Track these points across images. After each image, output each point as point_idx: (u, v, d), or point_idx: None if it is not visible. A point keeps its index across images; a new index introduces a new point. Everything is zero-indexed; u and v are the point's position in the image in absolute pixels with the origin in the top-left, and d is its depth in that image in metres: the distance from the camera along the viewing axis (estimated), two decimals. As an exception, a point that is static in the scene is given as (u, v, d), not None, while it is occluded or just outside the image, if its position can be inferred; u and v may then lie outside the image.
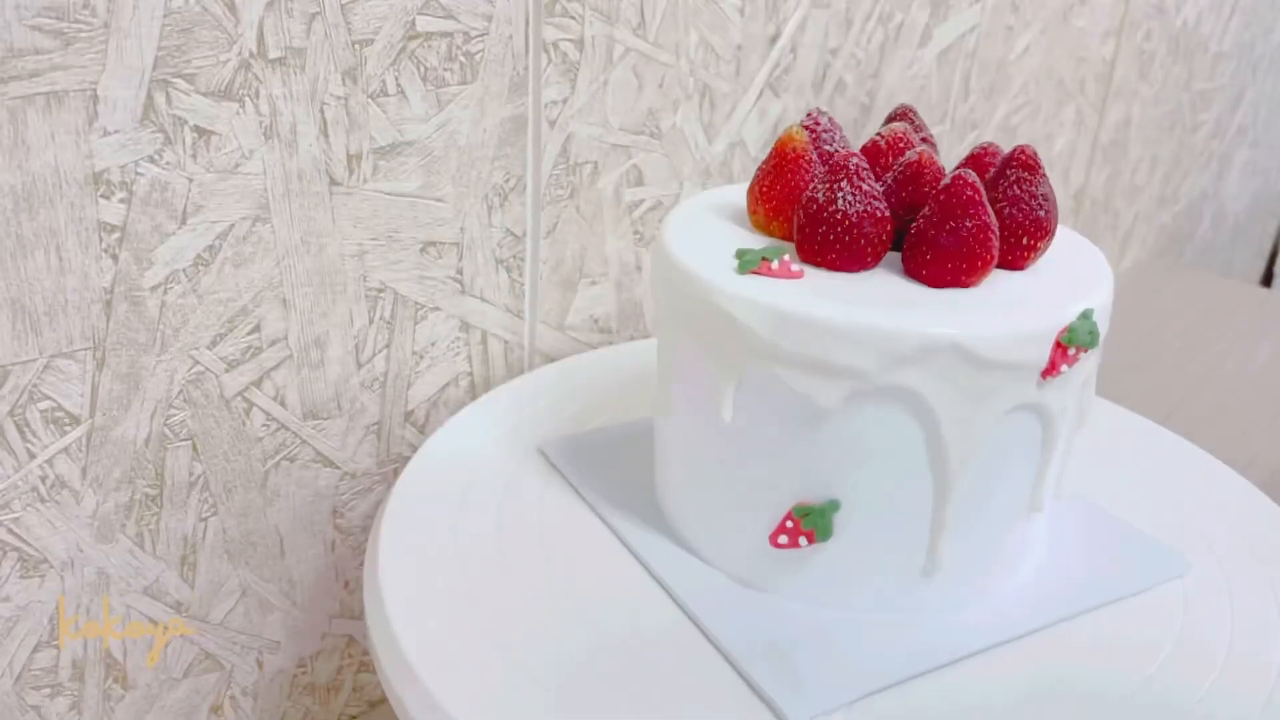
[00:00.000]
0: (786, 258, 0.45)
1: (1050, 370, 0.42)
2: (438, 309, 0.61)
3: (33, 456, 0.49)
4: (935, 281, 0.44)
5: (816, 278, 0.45)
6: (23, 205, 0.45)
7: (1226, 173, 1.55)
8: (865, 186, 0.44)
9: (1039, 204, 0.45)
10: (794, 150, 0.48)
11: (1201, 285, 1.28)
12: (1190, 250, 1.54)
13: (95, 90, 0.45)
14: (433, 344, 0.62)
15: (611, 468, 0.55)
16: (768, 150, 0.76)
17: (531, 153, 0.62)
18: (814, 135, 0.51)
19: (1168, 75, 1.26)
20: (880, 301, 0.43)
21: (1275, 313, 1.19)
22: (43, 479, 0.50)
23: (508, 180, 0.62)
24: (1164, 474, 0.59)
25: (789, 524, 0.45)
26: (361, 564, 0.64)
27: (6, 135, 0.43)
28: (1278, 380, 1.02)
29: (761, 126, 0.75)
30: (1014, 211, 0.45)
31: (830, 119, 0.52)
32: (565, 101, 0.63)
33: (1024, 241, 0.46)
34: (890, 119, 0.52)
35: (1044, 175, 0.46)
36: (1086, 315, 0.43)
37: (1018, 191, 0.45)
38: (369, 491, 0.63)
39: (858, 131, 0.83)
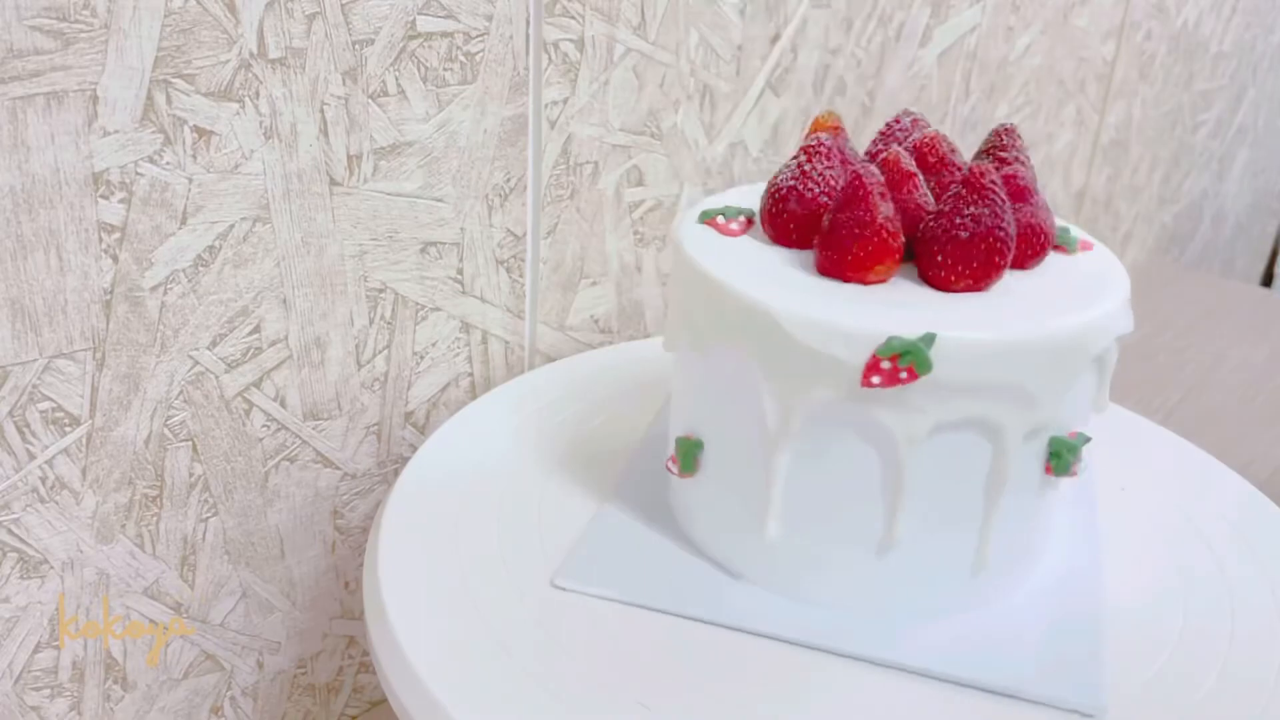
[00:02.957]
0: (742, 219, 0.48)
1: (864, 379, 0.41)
2: (438, 309, 0.61)
3: (33, 457, 0.49)
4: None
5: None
6: (23, 205, 0.45)
7: (1227, 173, 1.55)
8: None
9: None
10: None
11: (1201, 285, 1.28)
12: (1190, 250, 1.54)
13: (95, 90, 0.45)
14: (433, 344, 0.62)
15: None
16: (768, 150, 0.77)
17: (532, 153, 0.62)
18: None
19: (1168, 75, 1.26)
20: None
21: (1275, 313, 1.19)
22: (43, 480, 0.50)
23: (508, 180, 0.62)
24: (1164, 474, 0.59)
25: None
26: (361, 564, 0.64)
27: (6, 135, 0.43)
28: (1278, 380, 1.02)
29: (762, 126, 0.75)
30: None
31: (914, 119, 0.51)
32: (566, 101, 0.63)
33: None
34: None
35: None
36: (926, 339, 0.40)
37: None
38: (369, 492, 0.63)
39: (858, 132, 0.83)
